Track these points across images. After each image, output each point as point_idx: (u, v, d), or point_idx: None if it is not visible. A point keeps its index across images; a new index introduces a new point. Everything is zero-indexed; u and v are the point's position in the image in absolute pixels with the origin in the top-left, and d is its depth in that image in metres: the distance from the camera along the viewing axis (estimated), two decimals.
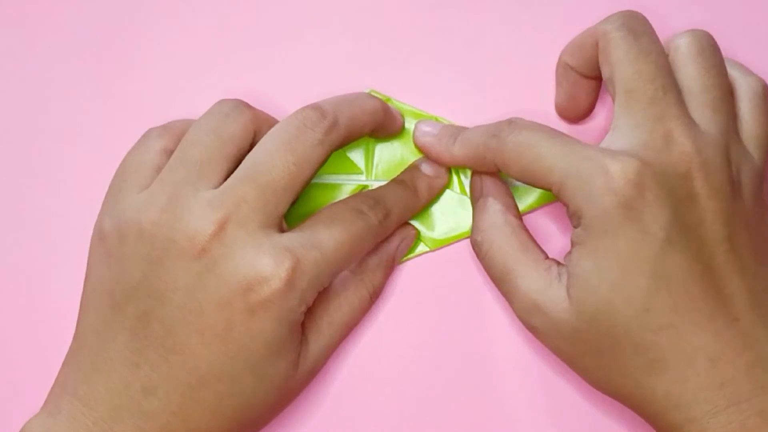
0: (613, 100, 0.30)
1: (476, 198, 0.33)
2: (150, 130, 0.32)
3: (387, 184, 0.34)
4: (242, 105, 0.31)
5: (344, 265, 0.30)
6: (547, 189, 0.30)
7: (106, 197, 0.31)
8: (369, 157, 0.35)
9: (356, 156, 0.35)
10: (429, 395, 0.34)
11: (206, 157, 0.30)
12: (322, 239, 0.30)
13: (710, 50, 0.31)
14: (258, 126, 0.31)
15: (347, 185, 0.35)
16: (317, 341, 0.31)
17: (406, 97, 0.35)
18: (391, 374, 0.34)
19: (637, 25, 0.30)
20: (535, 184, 0.30)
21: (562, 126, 0.35)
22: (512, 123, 0.31)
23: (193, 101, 0.33)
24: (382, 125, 0.33)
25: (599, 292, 0.28)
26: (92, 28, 0.36)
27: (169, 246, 0.28)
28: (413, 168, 0.34)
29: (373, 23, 0.36)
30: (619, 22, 0.30)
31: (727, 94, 0.31)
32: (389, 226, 0.32)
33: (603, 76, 0.31)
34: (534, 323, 0.30)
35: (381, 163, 0.35)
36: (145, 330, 0.28)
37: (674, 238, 0.28)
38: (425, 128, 0.34)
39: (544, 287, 0.30)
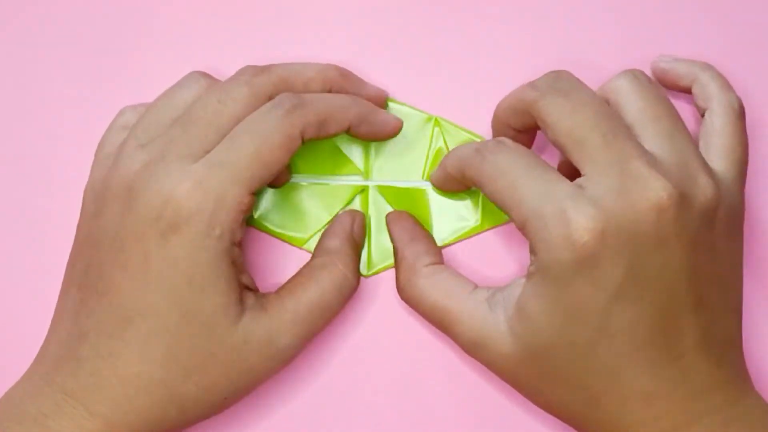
0: (571, 158, 0.29)
1: (393, 253, 0.34)
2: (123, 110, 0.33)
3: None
4: (197, 74, 0.32)
5: (260, 175, 0.29)
6: (510, 218, 0.29)
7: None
8: (368, 157, 0.35)
9: (355, 156, 0.35)
10: (430, 395, 0.34)
11: (154, 118, 0.31)
12: (231, 151, 0.29)
13: (649, 83, 0.31)
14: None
15: (346, 186, 0.35)
16: (279, 314, 0.30)
17: (406, 97, 0.35)
18: (392, 374, 0.34)
19: (563, 85, 0.30)
20: (502, 210, 0.29)
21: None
22: (498, 143, 0.30)
23: None
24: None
25: (543, 335, 0.28)
26: (91, 27, 0.36)
27: (106, 195, 0.30)
28: None
29: (374, 23, 0.36)
30: (544, 88, 0.30)
31: (680, 121, 0.30)
32: (307, 113, 0.30)
33: (548, 139, 0.30)
34: (479, 358, 0.31)
35: (380, 164, 0.35)
36: (86, 280, 0.29)
37: (626, 291, 0.27)
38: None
39: (480, 325, 0.30)
